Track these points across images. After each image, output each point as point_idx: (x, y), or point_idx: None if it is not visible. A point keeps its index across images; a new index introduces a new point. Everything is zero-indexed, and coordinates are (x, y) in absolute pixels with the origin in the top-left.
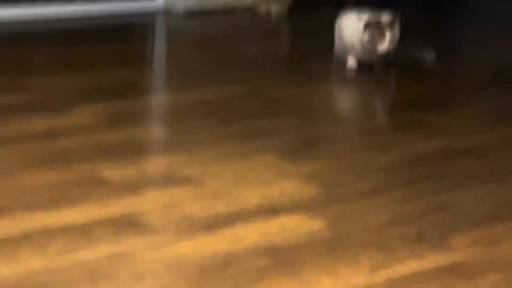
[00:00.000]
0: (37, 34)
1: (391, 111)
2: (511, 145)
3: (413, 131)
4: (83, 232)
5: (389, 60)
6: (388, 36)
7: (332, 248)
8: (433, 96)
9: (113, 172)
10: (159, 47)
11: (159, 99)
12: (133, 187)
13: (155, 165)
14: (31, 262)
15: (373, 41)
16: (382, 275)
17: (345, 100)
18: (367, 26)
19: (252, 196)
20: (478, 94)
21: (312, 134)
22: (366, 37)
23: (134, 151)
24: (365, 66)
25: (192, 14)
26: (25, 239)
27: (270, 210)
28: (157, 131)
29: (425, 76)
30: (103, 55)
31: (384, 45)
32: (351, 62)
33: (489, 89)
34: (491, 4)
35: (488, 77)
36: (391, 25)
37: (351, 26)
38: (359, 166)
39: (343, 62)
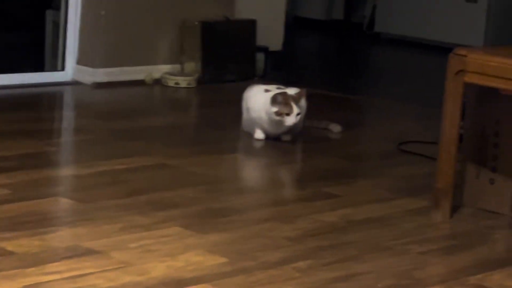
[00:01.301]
0: None
1: (296, 182)
2: (411, 215)
3: (318, 202)
4: None
5: (296, 133)
6: (294, 109)
7: None
8: (338, 167)
9: (16, 243)
10: (66, 118)
11: (65, 170)
12: (37, 259)
13: (59, 236)
14: None
15: (279, 114)
16: None
17: (252, 171)
18: (274, 99)
19: (157, 267)
20: (381, 165)
21: (219, 205)
22: (273, 109)
23: (38, 222)
24: (272, 138)
25: (100, 85)
26: None
27: (176, 281)
28: (62, 202)
29: (331, 148)
30: (9, 125)
31: (291, 118)
32: (258, 133)
33: (392, 160)
34: (395, 81)
35: (392, 149)
36: (298, 99)
37: (258, 99)
38: (264, 236)
39: (251, 134)
